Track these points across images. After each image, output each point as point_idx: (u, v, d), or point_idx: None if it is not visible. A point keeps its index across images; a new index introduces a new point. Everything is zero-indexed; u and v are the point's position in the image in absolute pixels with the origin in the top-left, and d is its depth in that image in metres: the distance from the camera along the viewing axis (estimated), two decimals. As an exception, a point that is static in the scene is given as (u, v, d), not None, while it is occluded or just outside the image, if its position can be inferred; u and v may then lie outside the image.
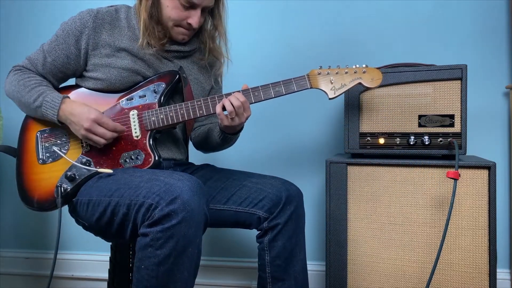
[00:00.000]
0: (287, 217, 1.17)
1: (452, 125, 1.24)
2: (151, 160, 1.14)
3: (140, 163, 1.14)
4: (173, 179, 0.96)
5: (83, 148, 1.16)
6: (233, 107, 1.11)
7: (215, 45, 1.29)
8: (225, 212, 1.21)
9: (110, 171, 1.09)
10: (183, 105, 1.16)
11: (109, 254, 1.26)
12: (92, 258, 1.90)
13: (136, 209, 0.96)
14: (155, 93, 1.18)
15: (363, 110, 1.32)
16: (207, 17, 1.26)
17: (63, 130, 1.18)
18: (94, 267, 1.89)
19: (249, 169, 1.39)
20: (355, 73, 1.17)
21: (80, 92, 1.20)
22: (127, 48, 1.18)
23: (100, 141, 1.11)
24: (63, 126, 1.17)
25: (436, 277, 1.21)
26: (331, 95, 1.17)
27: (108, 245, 1.26)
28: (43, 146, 1.18)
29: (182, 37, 1.21)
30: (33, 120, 1.21)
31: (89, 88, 1.20)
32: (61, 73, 1.21)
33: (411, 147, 1.27)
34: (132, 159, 1.15)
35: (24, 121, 1.22)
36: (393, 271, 1.25)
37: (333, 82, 1.17)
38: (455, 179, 1.13)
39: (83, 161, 1.15)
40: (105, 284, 1.28)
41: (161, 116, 1.16)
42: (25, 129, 1.21)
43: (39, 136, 1.19)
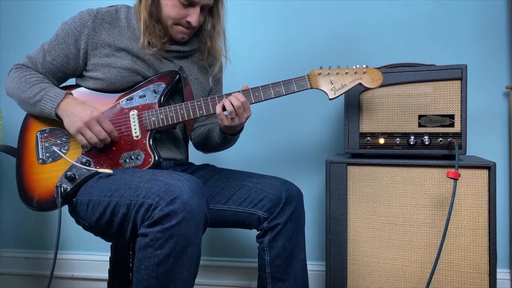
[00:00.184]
0: (287, 217, 1.17)
1: (452, 125, 1.24)
2: (151, 160, 1.14)
3: (140, 163, 1.14)
4: (173, 179, 0.96)
5: (83, 148, 1.16)
6: (233, 107, 1.11)
7: (214, 45, 1.29)
8: (225, 212, 1.21)
9: (110, 171, 1.09)
10: (183, 105, 1.16)
11: (109, 254, 1.26)
12: (92, 258, 1.90)
13: (136, 209, 0.96)
14: (155, 93, 1.18)
15: (363, 110, 1.32)
16: (206, 17, 1.26)
17: (63, 130, 1.18)
18: (94, 267, 1.89)
19: (249, 169, 1.39)
20: (355, 74, 1.16)
21: (80, 91, 1.20)
22: (127, 48, 1.18)
23: (91, 138, 1.10)
24: (63, 125, 1.17)
25: (436, 277, 1.21)
26: (332, 95, 1.17)
27: (108, 245, 1.26)
28: (43, 146, 1.18)
29: (181, 36, 1.21)
30: (33, 120, 1.21)
31: (89, 88, 1.20)
32: (60, 72, 1.21)
33: (411, 147, 1.27)
34: (132, 159, 1.15)
35: (24, 121, 1.22)
36: (393, 271, 1.25)
37: (333, 82, 1.17)
38: (455, 179, 1.13)
39: (83, 161, 1.15)
40: (105, 284, 1.28)
41: (161, 116, 1.16)
42: (25, 129, 1.21)
43: (39, 136, 1.19)
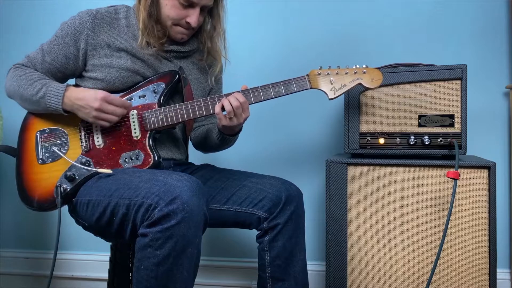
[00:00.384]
0: (287, 217, 1.17)
1: (452, 125, 1.24)
2: (150, 160, 1.14)
3: (139, 163, 1.14)
4: (173, 179, 0.96)
5: (83, 148, 1.16)
6: (232, 107, 1.11)
7: (214, 46, 1.29)
8: (225, 212, 1.21)
9: (109, 171, 1.09)
10: (182, 105, 1.16)
11: (109, 254, 1.26)
12: (92, 258, 1.90)
13: (135, 209, 0.96)
14: (155, 93, 1.18)
15: (363, 110, 1.32)
16: (206, 18, 1.26)
17: (63, 130, 1.18)
18: (94, 267, 1.89)
19: (249, 169, 1.39)
20: (355, 74, 1.16)
21: None
22: (127, 48, 1.18)
23: (111, 118, 1.12)
24: (63, 125, 1.17)
25: (436, 277, 1.21)
26: (331, 95, 1.17)
27: (108, 245, 1.26)
28: (43, 146, 1.18)
29: (181, 37, 1.21)
30: (33, 119, 1.21)
31: (88, 88, 1.19)
32: (60, 73, 1.21)
33: (411, 147, 1.27)
34: (131, 159, 1.15)
35: (24, 121, 1.22)
36: (393, 271, 1.25)
37: (333, 82, 1.17)
38: (455, 179, 1.13)
39: (83, 161, 1.15)
40: (105, 284, 1.28)
41: (161, 116, 1.16)
42: (24, 129, 1.21)
43: (38, 136, 1.19)
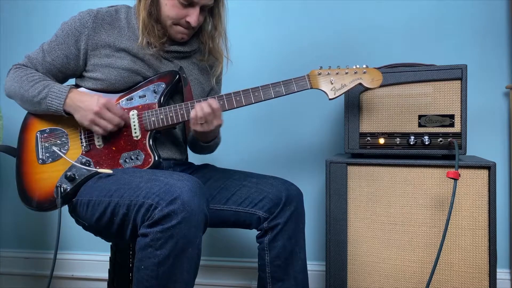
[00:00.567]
0: (287, 217, 1.17)
1: (452, 125, 1.24)
2: (151, 160, 1.14)
3: (140, 163, 1.14)
4: (173, 179, 0.96)
5: (83, 148, 1.16)
6: (203, 113, 1.11)
7: (215, 46, 1.29)
8: (225, 212, 1.21)
9: (110, 171, 1.09)
10: (183, 105, 1.16)
11: (109, 254, 1.26)
12: (92, 258, 1.90)
13: (136, 209, 0.96)
14: (155, 93, 1.18)
15: (363, 110, 1.32)
16: (207, 17, 1.26)
17: (63, 130, 1.18)
18: (94, 267, 1.89)
19: (249, 169, 1.39)
20: (355, 74, 1.16)
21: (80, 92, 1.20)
22: (127, 48, 1.18)
23: (107, 126, 1.12)
24: (63, 125, 1.17)
25: (436, 277, 1.21)
26: (331, 95, 1.17)
27: (108, 245, 1.26)
28: (43, 146, 1.18)
29: (181, 36, 1.21)
30: (33, 119, 1.21)
31: (88, 88, 1.19)
32: (60, 73, 1.21)
33: (411, 147, 1.27)
34: (132, 159, 1.15)
35: (24, 121, 1.22)
36: (393, 271, 1.25)
37: (333, 82, 1.17)
38: (455, 179, 1.13)
39: (83, 161, 1.15)
40: (105, 284, 1.28)
41: (161, 116, 1.16)
42: (25, 129, 1.21)
43: (39, 136, 1.19)
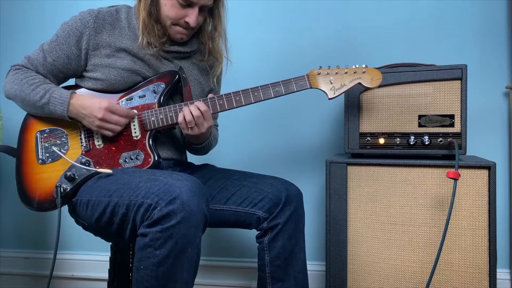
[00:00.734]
0: (287, 217, 1.17)
1: (452, 125, 1.24)
2: (150, 160, 1.14)
3: (139, 163, 1.14)
4: (173, 179, 0.96)
5: (83, 148, 1.16)
6: (192, 116, 1.11)
7: (215, 46, 1.28)
8: (225, 212, 1.21)
9: (109, 171, 1.09)
10: (182, 106, 1.16)
11: (109, 254, 1.26)
12: (92, 258, 1.90)
13: (135, 209, 0.96)
14: (155, 93, 1.18)
15: (363, 110, 1.32)
16: (207, 18, 1.26)
17: (63, 130, 1.18)
18: (94, 267, 1.89)
19: (249, 169, 1.39)
20: (354, 73, 1.16)
21: (80, 93, 1.20)
22: (127, 48, 1.18)
23: (115, 128, 1.13)
24: (63, 125, 1.17)
25: (436, 277, 1.21)
26: (331, 95, 1.17)
27: (108, 245, 1.26)
28: (43, 146, 1.18)
29: (180, 36, 1.21)
30: (33, 120, 1.21)
31: (88, 88, 1.19)
32: (61, 73, 1.21)
33: (411, 147, 1.27)
34: (131, 159, 1.15)
35: (23, 121, 1.22)
36: (393, 271, 1.25)
37: (332, 82, 1.17)
38: (455, 179, 1.13)
39: (83, 161, 1.15)
40: (105, 284, 1.28)
41: (161, 116, 1.16)
42: (24, 129, 1.21)
43: (38, 136, 1.19)
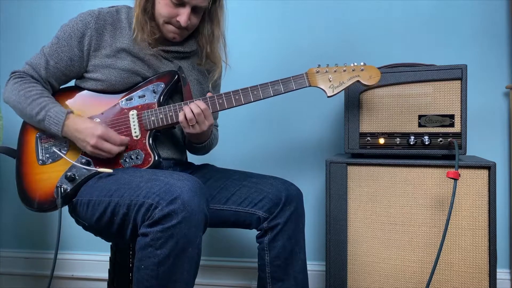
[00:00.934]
0: (287, 217, 1.17)
1: (452, 125, 1.24)
2: (150, 160, 1.14)
3: (140, 162, 1.14)
4: (173, 179, 0.96)
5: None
6: (193, 114, 1.11)
7: (214, 51, 1.27)
8: (225, 212, 1.21)
9: (110, 171, 1.09)
10: (182, 105, 1.16)
11: (109, 254, 1.26)
12: (92, 258, 1.90)
13: (136, 209, 0.96)
14: (155, 93, 1.18)
15: (363, 110, 1.32)
16: (205, 21, 1.25)
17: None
18: (94, 267, 1.89)
19: (249, 169, 1.39)
20: (353, 71, 1.17)
21: (80, 94, 1.20)
22: (127, 48, 1.18)
23: (107, 156, 1.12)
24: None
25: (436, 277, 1.21)
26: (330, 93, 1.17)
27: (108, 245, 1.26)
28: (43, 146, 1.18)
29: (172, 36, 1.20)
30: (33, 121, 1.21)
31: (88, 89, 1.19)
32: (64, 75, 1.20)
33: (411, 147, 1.27)
34: (132, 159, 1.15)
35: (23, 122, 1.22)
36: (393, 271, 1.25)
37: (331, 80, 1.17)
38: (455, 179, 1.13)
39: (83, 161, 1.15)
40: (105, 284, 1.28)
41: (161, 116, 1.16)
42: (24, 130, 1.21)
43: (38, 137, 1.19)
